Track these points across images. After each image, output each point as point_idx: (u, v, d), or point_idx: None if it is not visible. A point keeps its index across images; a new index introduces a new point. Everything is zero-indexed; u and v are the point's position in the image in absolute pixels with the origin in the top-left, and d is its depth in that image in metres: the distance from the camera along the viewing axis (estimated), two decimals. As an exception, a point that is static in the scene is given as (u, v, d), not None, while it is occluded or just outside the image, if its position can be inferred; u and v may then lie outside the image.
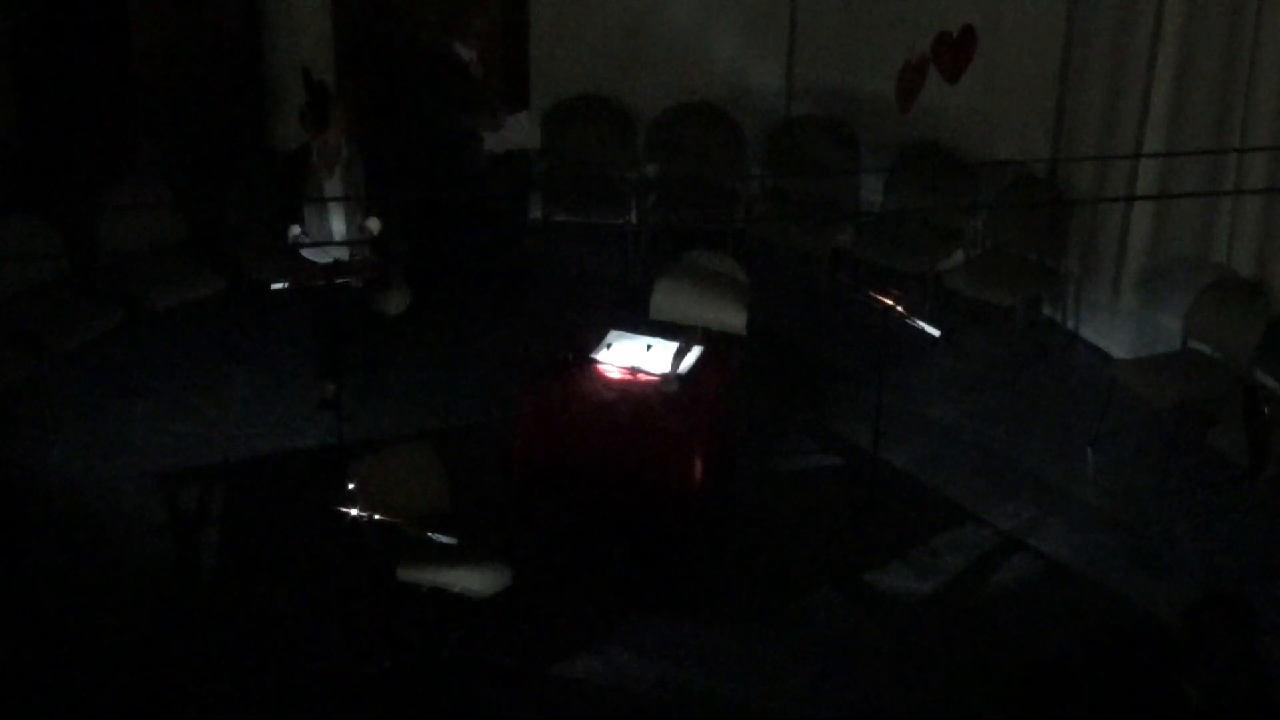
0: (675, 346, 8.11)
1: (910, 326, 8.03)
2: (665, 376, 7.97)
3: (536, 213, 10.71)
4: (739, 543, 8.22)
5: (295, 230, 8.12)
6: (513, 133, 9.61)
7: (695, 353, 8.14)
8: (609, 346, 8.19)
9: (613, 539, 8.00)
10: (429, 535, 6.71)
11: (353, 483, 6.98)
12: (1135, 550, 8.12)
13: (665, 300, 8.83)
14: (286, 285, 7.97)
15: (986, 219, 9.92)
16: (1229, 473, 8.27)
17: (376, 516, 6.77)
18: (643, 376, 8.01)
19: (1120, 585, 7.87)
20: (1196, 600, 5.88)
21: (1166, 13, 8.83)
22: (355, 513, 6.77)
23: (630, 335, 8.28)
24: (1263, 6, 8.40)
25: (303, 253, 8.49)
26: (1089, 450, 8.80)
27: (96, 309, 9.05)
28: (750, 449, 8.67)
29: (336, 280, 8.17)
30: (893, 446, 8.65)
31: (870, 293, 8.11)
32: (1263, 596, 7.43)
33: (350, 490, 6.93)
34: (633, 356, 8.11)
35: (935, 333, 8.06)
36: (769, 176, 10.51)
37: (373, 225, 8.59)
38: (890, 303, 8.02)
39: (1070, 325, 9.84)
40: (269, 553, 7.97)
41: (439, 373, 9.36)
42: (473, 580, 7.05)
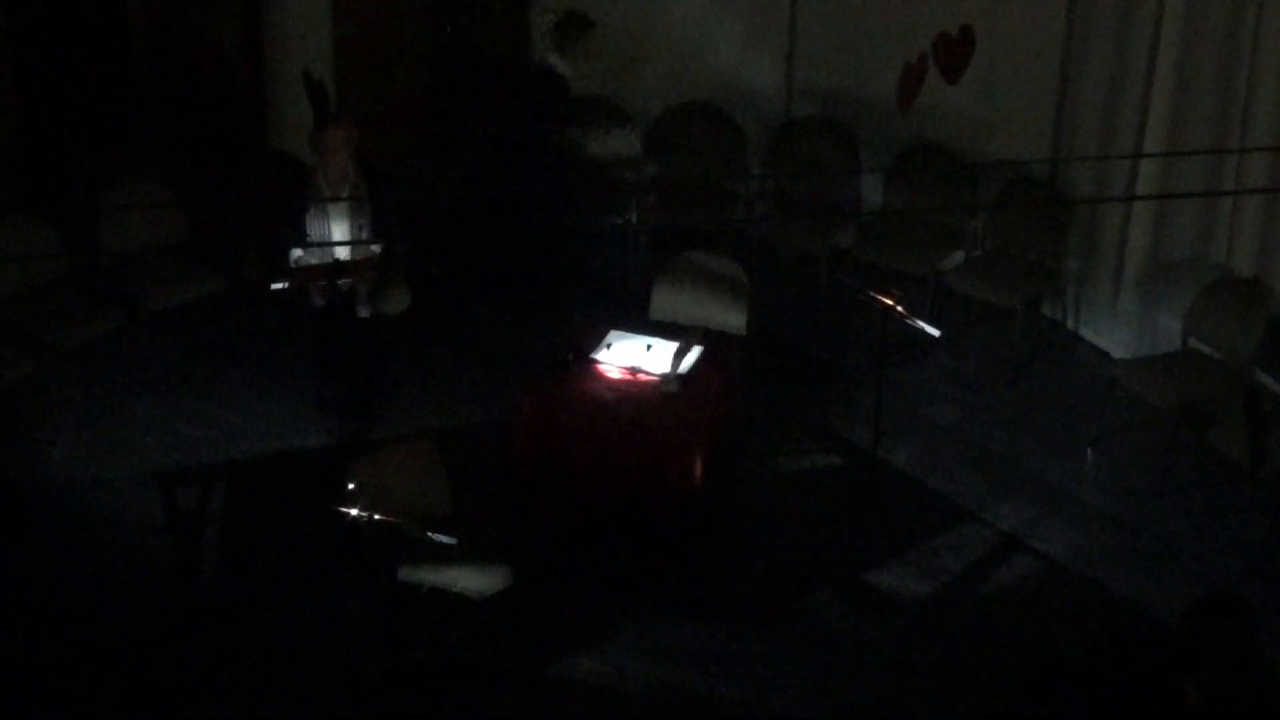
0: (675, 346, 8.11)
1: (910, 326, 8.04)
2: (665, 376, 7.98)
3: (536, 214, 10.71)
4: (739, 543, 8.21)
5: (297, 254, 8.10)
6: (612, 143, 9.63)
7: (695, 353, 8.14)
8: (609, 346, 8.19)
9: (613, 539, 8.00)
10: (429, 535, 6.70)
11: (353, 483, 6.97)
12: (1135, 550, 8.12)
13: (665, 300, 8.83)
14: (286, 285, 7.97)
15: (986, 219, 9.91)
16: (1229, 473, 8.27)
17: (376, 516, 6.77)
18: (643, 376, 8.01)
19: (1120, 585, 7.87)
20: (1196, 600, 5.87)
21: (1166, 13, 8.83)
22: (355, 513, 6.77)
23: (630, 335, 8.28)
24: (1263, 6, 8.40)
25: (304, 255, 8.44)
26: (1089, 450, 8.80)
27: (96, 309, 9.04)
28: (750, 449, 8.67)
29: (337, 280, 8.16)
30: (893, 446, 8.65)
31: (870, 293, 8.11)
32: (1263, 596, 7.43)
33: (350, 490, 6.92)
34: (633, 356, 8.11)
35: (935, 333, 8.06)
36: (769, 176, 10.51)
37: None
38: (890, 303, 8.02)
39: (1070, 325, 9.84)
40: (269, 553, 7.97)
41: (439, 373, 9.36)
42: (473, 580, 7.05)
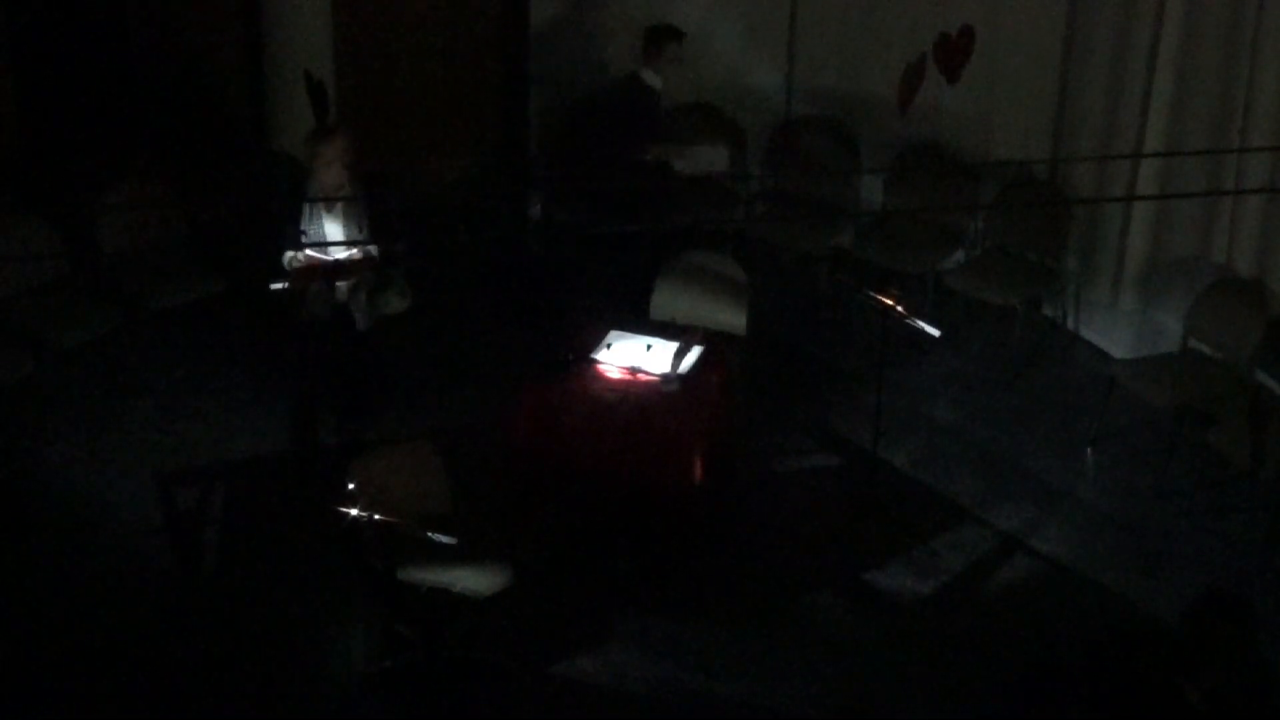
0: (675, 346, 8.11)
1: (910, 326, 8.03)
2: (665, 376, 7.97)
3: (536, 213, 10.71)
4: (739, 543, 8.21)
5: (289, 254, 8.08)
6: (703, 159, 9.39)
7: (695, 353, 8.14)
8: (609, 346, 8.19)
9: (613, 539, 8.00)
10: (429, 535, 6.70)
11: (353, 483, 6.97)
12: (1135, 550, 8.12)
13: (665, 300, 8.82)
14: (286, 285, 7.96)
15: (986, 219, 9.91)
16: (1229, 473, 8.27)
17: (376, 516, 6.77)
18: (643, 376, 8.00)
19: (1120, 585, 7.87)
20: (1196, 600, 5.87)
21: (1166, 13, 8.83)
22: (355, 513, 6.77)
23: (630, 335, 8.28)
24: (1263, 6, 8.40)
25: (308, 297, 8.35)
26: (1089, 450, 8.80)
27: (96, 309, 9.04)
28: (750, 449, 8.67)
29: (335, 280, 8.15)
30: (893, 446, 8.65)
31: (870, 293, 8.11)
32: (1263, 596, 7.43)
33: (350, 490, 6.92)
34: (633, 356, 8.11)
35: (935, 333, 8.06)
36: (769, 176, 10.51)
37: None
38: (890, 303, 8.02)
39: (1070, 325, 9.84)
40: (269, 553, 7.97)
41: (439, 373, 9.36)
42: (473, 580, 7.05)
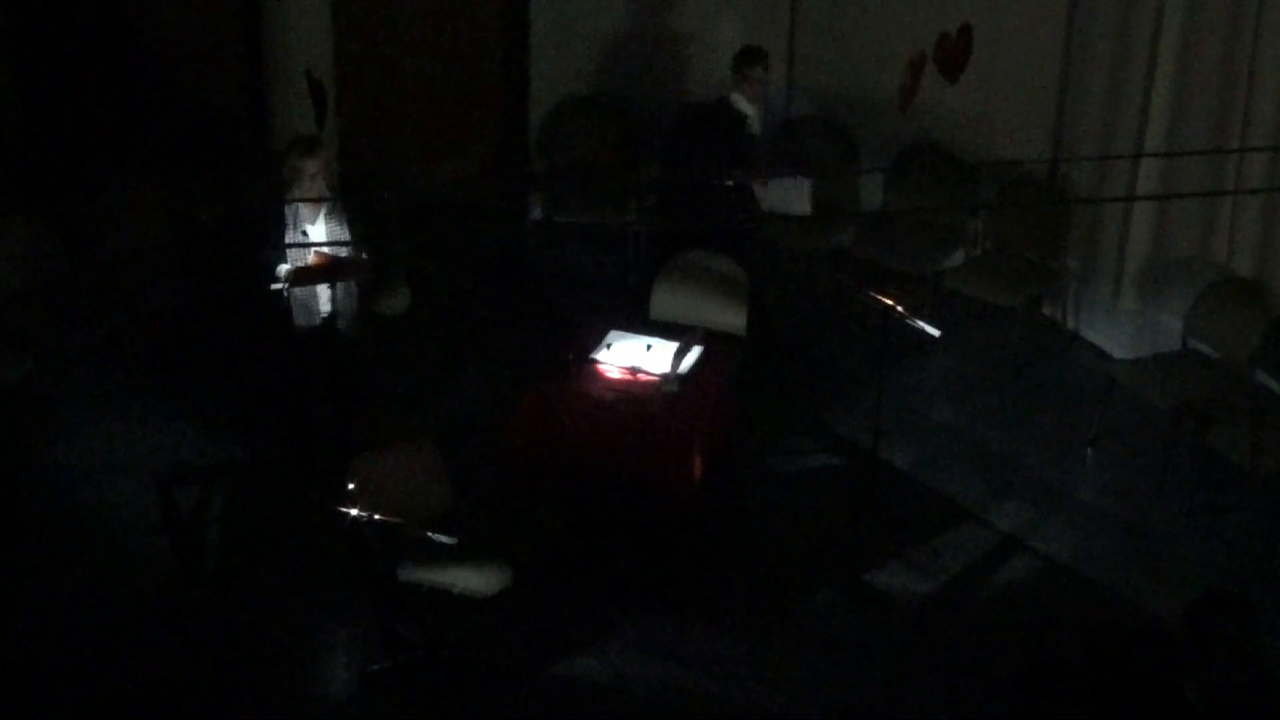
0: (675, 346, 8.11)
1: (910, 326, 8.03)
2: (665, 376, 7.97)
3: (536, 213, 10.72)
4: (739, 543, 8.21)
5: (285, 268, 8.07)
6: (785, 195, 9.10)
7: (695, 353, 8.14)
8: (609, 346, 8.19)
9: (613, 539, 8.00)
10: (429, 535, 6.70)
11: (353, 483, 6.97)
12: (1135, 550, 8.12)
13: (665, 300, 8.82)
14: (286, 285, 7.95)
15: (986, 219, 9.91)
16: (1229, 473, 8.27)
17: (376, 516, 6.77)
18: (643, 376, 8.00)
19: (1120, 585, 7.87)
20: (1196, 600, 5.87)
21: (1166, 13, 8.83)
22: (355, 513, 6.77)
23: (630, 335, 8.28)
24: (1263, 6, 8.40)
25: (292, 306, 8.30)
26: (1089, 450, 8.80)
27: (96, 309, 9.04)
28: (750, 449, 8.67)
29: (333, 280, 8.14)
30: (893, 446, 8.65)
31: (870, 293, 8.11)
32: (1263, 596, 7.43)
33: (350, 490, 6.92)
34: (633, 356, 8.11)
35: (935, 333, 8.06)
36: (769, 176, 10.49)
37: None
38: (890, 303, 8.02)
39: (1070, 325, 9.84)
40: (269, 553, 7.97)
41: (439, 373, 9.35)
42: (473, 580, 7.05)
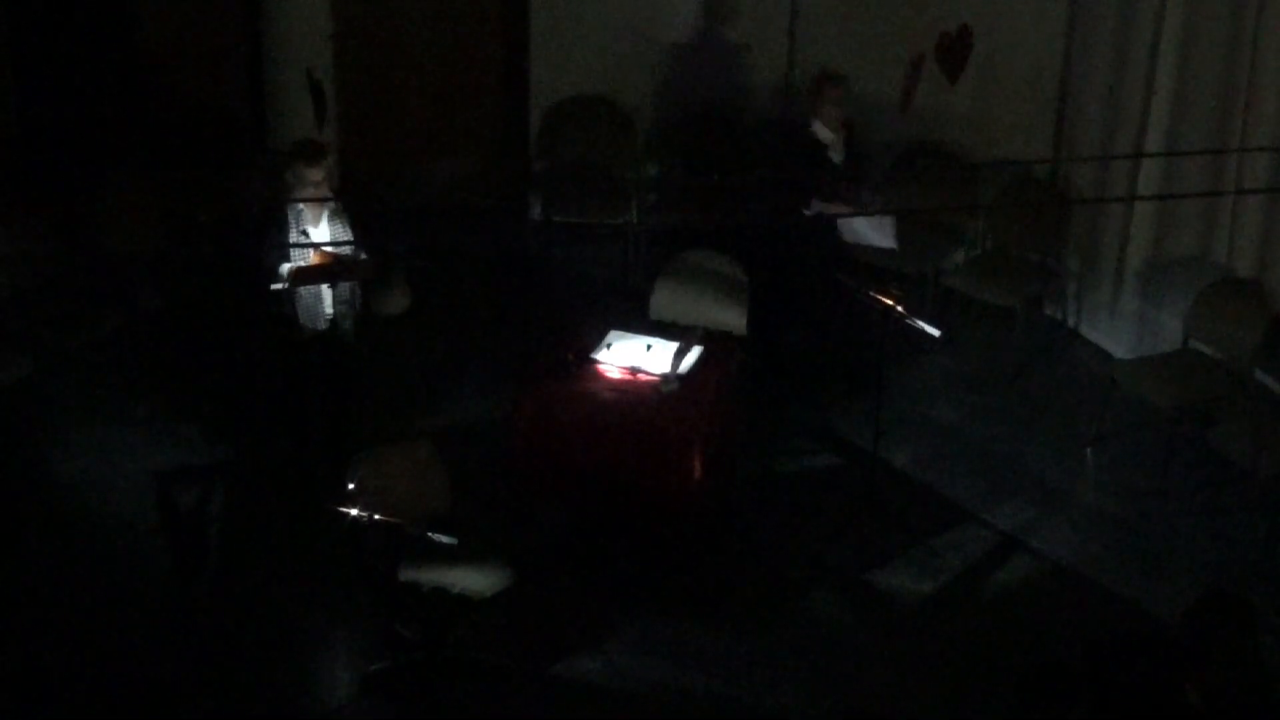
0: (675, 346, 8.11)
1: (910, 326, 8.03)
2: (665, 376, 7.97)
3: (536, 213, 10.72)
4: (739, 543, 8.21)
5: (286, 268, 8.08)
6: (870, 230, 8.80)
7: (695, 353, 8.14)
8: (609, 346, 8.19)
9: (613, 539, 8.00)
10: (429, 535, 6.70)
11: (353, 483, 6.97)
12: (1135, 550, 8.12)
13: (665, 300, 8.82)
14: (286, 285, 7.96)
15: (986, 219, 9.91)
16: (1229, 473, 8.27)
17: (376, 516, 6.77)
18: (643, 376, 8.00)
19: (1120, 585, 7.87)
20: (1196, 600, 5.87)
21: (1166, 13, 8.83)
22: (355, 513, 6.77)
23: (630, 335, 8.28)
24: (1263, 6, 8.40)
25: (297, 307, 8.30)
26: (1089, 450, 8.80)
27: (96, 309, 9.04)
28: (750, 449, 8.67)
29: (335, 280, 8.15)
30: (893, 446, 8.65)
31: (870, 293, 8.11)
32: (1263, 596, 7.42)
33: (350, 490, 6.92)
34: (633, 356, 8.11)
35: (935, 333, 8.06)
36: (769, 176, 10.50)
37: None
38: (890, 303, 8.02)
39: (1071, 325, 9.84)
40: (269, 553, 7.97)
41: (439, 373, 9.36)
42: (473, 580, 7.05)
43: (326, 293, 7.99)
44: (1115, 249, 9.45)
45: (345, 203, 8.18)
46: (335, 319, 8.01)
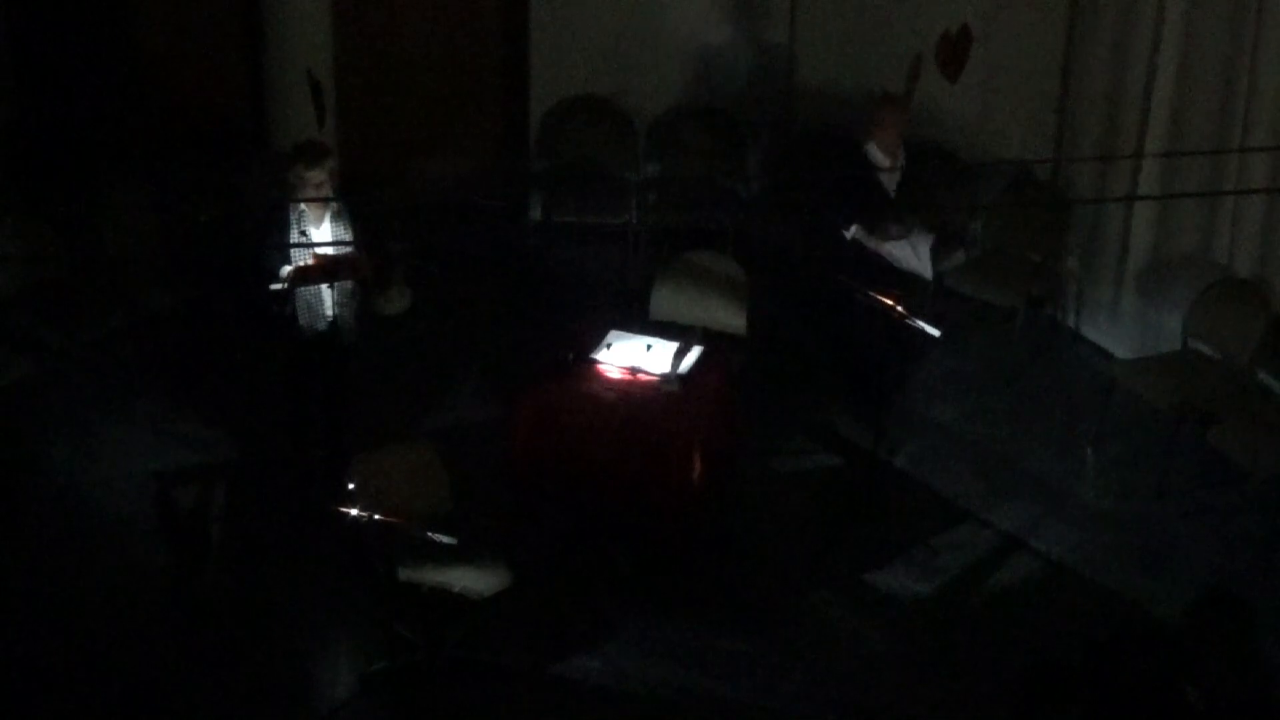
0: (675, 346, 8.11)
1: (910, 326, 8.03)
2: (665, 376, 7.97)
3: (536, 213, 10.72)
4: (739, 543, 8.21)
5: (286, 269, 8.07)
6: (905, 254, 8.59)
7: (695, 353, 8.14)
8: (609, 346, 8.19)
9: (613, 539, 8.00)
10: (429, 535, 6.70)
11: (353, 483, 6.97)
12: (1135, 550, 8.12)
13: (665, 300, 8.82)
14: (285, 285, 7.96)
15: (986, 219, 9.91)
16: (1229, 473, 8.27)
17: (376, 516, 6.77)
18: (643, 376, 8.00)
19: (1120, 585, 7.87)
20: (1196, 600, 5.88)
21: (1166, 13, 8.83)
22: (355, 513, 6.77)
23: (630, 335, 8.28)
24: (1263, 6, 8.40)
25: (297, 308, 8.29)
26: (1089, 450, 8.80)
27: (96, 309, 9.04)
28: (750, 449, 8.66)
29: (334, 279, 8.14)
30: (893, 446, 8.65)
31: (870, 293, 8.11)
32: (1263, 596, 7.42)
33: (350, 490, 6.92)
34: (633, 356, 8.11)
35: (935, 333, 8.06)
36: (769, 176, 10.51)
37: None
38: (890, 303, 8.02)
39: (1071, 325, 9.84)
40: (269, 553, 7.97)
41: (439, 373, 9.35)
42: (473, 580, 7.05)
43: (326, 293, 7.98)
44: (1115, 249, 9.45)
45: (346, 203, 8.18)
46: (335, 319, 8.01)
